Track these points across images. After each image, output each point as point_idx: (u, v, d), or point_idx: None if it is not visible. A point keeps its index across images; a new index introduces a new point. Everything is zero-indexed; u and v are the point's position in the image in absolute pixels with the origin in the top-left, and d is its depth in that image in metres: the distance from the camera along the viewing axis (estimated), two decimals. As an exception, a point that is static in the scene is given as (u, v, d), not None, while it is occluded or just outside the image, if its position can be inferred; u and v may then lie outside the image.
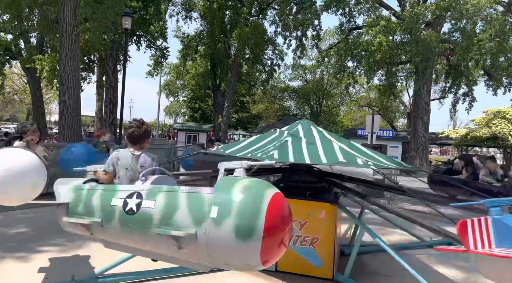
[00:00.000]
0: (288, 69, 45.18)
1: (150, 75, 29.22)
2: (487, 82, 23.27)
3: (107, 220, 2.76)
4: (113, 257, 4.13)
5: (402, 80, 30.55)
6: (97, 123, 29.99)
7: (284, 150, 4.46)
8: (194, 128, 29.94)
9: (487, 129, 15.80)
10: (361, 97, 45.86)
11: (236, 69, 27.10)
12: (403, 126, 45.10)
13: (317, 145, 4.78)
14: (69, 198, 3.06)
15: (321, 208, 4.69)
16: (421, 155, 22.15)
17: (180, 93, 43.69)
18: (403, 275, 4.61)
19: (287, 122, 27.99)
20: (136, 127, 3.25)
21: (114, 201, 2.75)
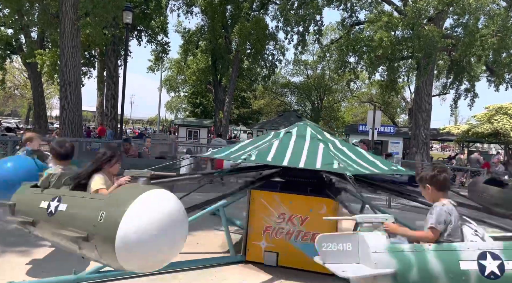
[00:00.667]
0: (289, 65, 45.08)
1: (151, 70, 29.15)
2: (489, 78, 23.14)
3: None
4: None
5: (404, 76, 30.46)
6: (98, 118, 29.99)
7: (265, 152, 4.56)
8: (195, 124, 29.89)
9: (488, 125, 15.73)
10: (362, 93, 45.73)
11: (237, 65, 27.01)
12: (404, 122, 45.00)
13: (304, 147, 4.82)
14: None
15: (322, 203, 4.69)
16: (422, 151, 22.06)
17: (181, 88, 43.63)
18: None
19: (288, 118, 28.09)
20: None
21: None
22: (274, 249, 4.77)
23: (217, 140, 13.34)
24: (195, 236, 5.46)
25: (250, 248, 4.88)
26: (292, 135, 5.20)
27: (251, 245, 4.88)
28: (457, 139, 21.37)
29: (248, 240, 4.91)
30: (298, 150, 4.69)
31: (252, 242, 4.88)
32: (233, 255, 4.86)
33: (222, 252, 5.19)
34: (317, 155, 4.58)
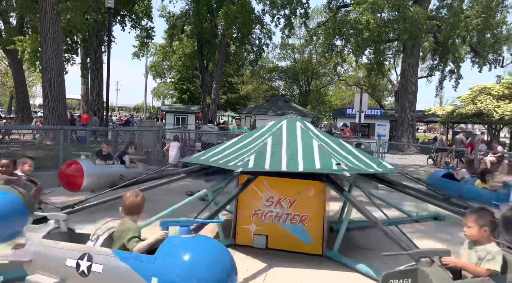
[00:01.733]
0: (277, 49, 44.77)
1: (136, 56, 28.61)
2: (473, 59, 23.43)
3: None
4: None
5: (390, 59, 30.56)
6: (83, 106, 29.44)
7: (262, 156, 4.49)
8: (183, 110, 29.62)
9: (472, 106, 16.00)
10: (349, 76, 45.83)
11: (223, 49, 26.69)
12: (390, 104, 45.42)
13: (297, 145, 4.81)
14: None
15: (310, 186, 4.75)
16: (408, 133, 22.43)
17: (167, 74, 43.02)
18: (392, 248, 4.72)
19: (276, 103, 28.02)
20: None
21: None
22: (263, 232, 4.84)
23: (209, 126, 13.25)
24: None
25: (239, 232, 4.94)
26: (283, 130, 5.19)
27: (240, 228, 4.94)
28: (441, 120, 21.72)
29: (238, 224, 4.97)
30: (293, 150, 4.67)
31: (242, 225, 4.93)
32: (223, 239, 4.92)
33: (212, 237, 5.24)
34: (313, 153, 4.59)
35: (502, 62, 22.82)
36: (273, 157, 4.46)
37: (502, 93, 15.87)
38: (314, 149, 4.63)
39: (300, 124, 5.29)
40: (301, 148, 4.67)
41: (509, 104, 15.29)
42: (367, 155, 5.76)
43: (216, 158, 4.87)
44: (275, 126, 5.34)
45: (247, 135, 5.55)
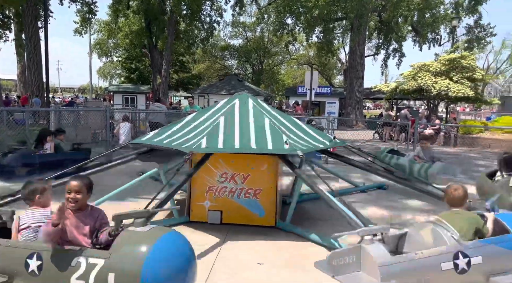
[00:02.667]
0: (228, 27, 43.99)
1: (78, 33, 26.70)
2: (414, 38, 24.73)
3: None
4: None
5: (339, 38, 31.35)
6: (20, 87, 27.25)
7: (214, 137, 4.50)
8: (132, 90, 28.36)
9: (413, 82, 16.99)
10: (300, 55, 46.40)
11: (173, 27, 25.75)
12: (340, 83, 46.84)
13: (249, 122, 4.85)
14: None
15: (263, 161, 4.86)
16: (356, 110, 23.41)
17: (114, 53, 40.81)
18: (339, 218, 5.01)
19: (229, 82, 27.78)
20: None
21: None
22: (218, 207, 4.91)
23: (156, 105, 12.81)
24: (138, 202, 5.40)
25: (193, 209, 4.97)
26: (235, 108, 5.19)
27: (194, 205, 4.97)
28: (386, 97, 22.87)
29: (192, 201, 4.99)
30: (245, 128, 4.70)
31: (196, 202, 4.96)
32: (177, 216, 4.93)
33: (166, 216, 5.22)
34: (265, 132, 4.65)
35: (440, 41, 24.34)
36: (226, 136, 4.49)
37: (439, 69, 16.99)
38: (266, 128, 4.72)
39: (252, 102, 5.33)
40: (253, 127, 4.74)
41: (445, 80, 16.42)
42: (318, 131, 5.98)
43: (169, 140, 4.79)
44: (228, 104, 5.34)
45: (200, 114, 5.49)
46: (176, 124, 5.39)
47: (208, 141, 4.37)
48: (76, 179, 2.82)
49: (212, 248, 4.18)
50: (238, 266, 3.78)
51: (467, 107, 36.06)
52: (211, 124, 4.80)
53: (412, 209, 5.98)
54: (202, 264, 3.81)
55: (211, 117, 5.11)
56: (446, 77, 16.76)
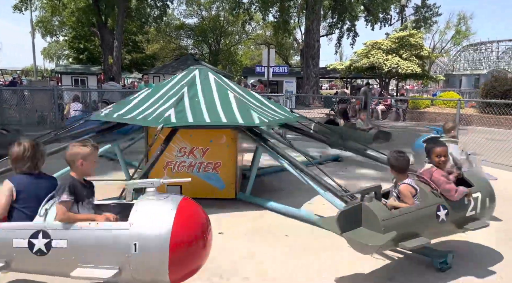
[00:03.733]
0: (182, 5, 42.62)
1: (17, 10, 24.71)
2: (366, 18, 25.42)
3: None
4: None
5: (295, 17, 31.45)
6: (-47, 69, 24.89)
7: (182, 110, 4.41)
8: (81, 71, 26.90)
9: (366, 59, 17.60)
10: (257, 35, 46.15)
11: (123, 4, 24.47)
12: (297, 63, 47.34)
13: (214, 96, 4.80)
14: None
15: (222, 134, 4.86)
16: (313, 89, 23.87)
17: (59, 32, 38.17)
18: (298, 188, 5.19)
19: (185, 62, 27.14)
20: None
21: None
22: (177, 182, 4.87)
23: (110, 84, 12.25)
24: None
25: (152, 185, 4.89)
26: (196, 81, 5.09)
27: (153, 181, 4.89)
28: (341, 75, 23.51)
29: (149, 177, 4.90)
30: (211, 102, 4.62)
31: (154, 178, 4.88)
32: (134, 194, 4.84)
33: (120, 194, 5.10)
34: (232, 106, 4.61)
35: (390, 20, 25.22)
36: (193, 110, 4.42)
37: (390, 47, 17.70)
38: (231, 101, 4.71)
39: (213, 76, 5.29)
40: (219, 100, 4.71)
41: (395, 57, 17.16)
42: (277, 104, 6.07)
43: (132, 115, 4.61)
44: (187, 76, 5.23)
45: (159, 88, 5.34)
46: (134, 99, 5.20)
47: (176, 115, 4.28)
48: None
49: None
50: (199, 237, 3.82)
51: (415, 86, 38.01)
52: (173, 97, 4.69)
53: (367, 178, 6.30)
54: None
55: (172, 89, 4.99)
56: (396, 54, 17.50)
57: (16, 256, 2.34)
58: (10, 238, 2.32)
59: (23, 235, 2.30)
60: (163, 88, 5.20)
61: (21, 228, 2.34)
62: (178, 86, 5.03)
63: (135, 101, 5.07)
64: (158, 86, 5.58)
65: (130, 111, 4.76)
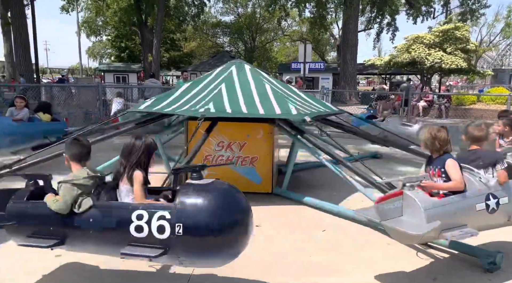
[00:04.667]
0: (219, 3, 42.99)
1: (64, 10, 26.05)
2: (407, 12, 24.47)
3: None
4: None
5: (332, 12, 30.89)
6: (8, 68, 26.66)
7: (220, 102, 4.47)
8: (123, 69, 27.93)
9: (407, 54, 16.94)
10: (293, 31, 45.78)
11: (162, 3, 25.14)
12: (333, 59, 46.51)
13: (251, 89, 4.82)
14: None
15: (259, 128, 4.89)
16: (350, 86, 23.34)
17: (103, 31, 39.90)
18: (335, 184, 5.12)
19: (221, 59, 27.46)
20: None
21: None
22: (215, 176, 4.94)
23: (152, 81, 12.57)
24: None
25: (191, 178, 5.01)
26: (233, 75, 5.15)
27: (192, 174, 5.00)
28: (379, 71, 22.81)
29: (189, 170, 5.02)
30: (248, 94, 4.66)
31: (193, 171, 5.00)
32: (176, 185, 4.97)
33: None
34: (269, 98, 4.62)
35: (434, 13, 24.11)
36: (231, 102, 4.49)
37: (433, 41, 16.92)
38: (268, 93, 4.72)
39: (249, 68, 5.32)
40: (256, 93, 4.73)
41: (438, 52, 16.40)
42: (315, 98, 6.01)
43: (172, 107, 4.74)
44: (225, 72, 5.30)
45: (197, 83, 5.45)
46: (174, 93, 5.34)
47: (215, 106, 4.36)
48: None
49: (211, 213, 4.25)
50: (237, 229, 3.87)
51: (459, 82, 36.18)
52: (213, 91, 4.76)
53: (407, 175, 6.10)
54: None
55: (210, 84, 5.07)
56: (439, 49, 16.72)
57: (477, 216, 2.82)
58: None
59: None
60: (202, 83, 5.30)
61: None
62: (217, 81, 5.11)
63: (175, 95, 5.20)
64: (196, 80, 5.68)
65: (170, 105, 4.89)
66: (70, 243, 2.50)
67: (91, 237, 2.43)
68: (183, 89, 5.34)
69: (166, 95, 5.39)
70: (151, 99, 5.50)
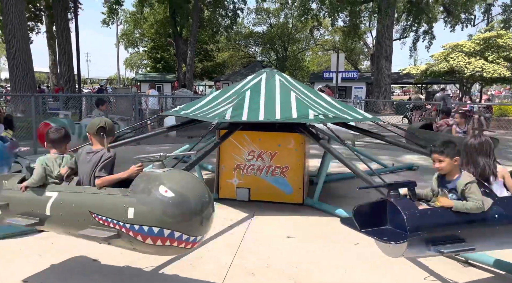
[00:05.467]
0: (252, 14, 43.78)
1: (105, 24, 27.27)
2: (445, 19, 23.69)
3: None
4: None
5: (366, 21, 30.48)
6: (52, 79, 28.27)
7: (239, 109, 4.49)
8: (158, 79, 28.90)
9: (445, 63, 16.32)
10: (325, 40, 45.55)
11: (197, 15, 25.82)
12: (366, 68, 45.75)
13: (275, 97, 4.80)
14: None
15: (290, 138, 4.85)
16: (384, 95, 22.83)
17: (140, 43, 41.51)
18: (368, 197, 4.96)
19: (253, 69, 27.71)
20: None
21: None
22: (246, 185, 4.96)
23: (182, 91, 12.96)
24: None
25: (222, 186, 5.05)
26: (261, 83, 5.18)
27: (223, 183, 5.04)
28: (415, 80, 22.15)
29: (220, 179, 5.06)
30: (270, 101, 4.67)
31: (224, 180, 5.04)
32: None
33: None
34: (290, 104, 4.60)
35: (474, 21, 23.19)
36: (251, 108, 4.51)
37: (473, 49, 16.24)
38: (291, 100, 4.69)
39: (279, 77, 5.31)
40: (279, 99, 4.72)
41: (479, 60, 15.70)
42: (347, 105, 5.87)
43: (196, 112, 4.88)
44: (255, 79, 5.33)
45: (227, 90, 5.54)
46: (203, 99, 5.47)
47: (232, 113, 4.40)
48: None
49: (241, 222, 4.25)
50: (268, 238, 3.84)
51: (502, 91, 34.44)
52: (237, 98, 4.82)
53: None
54: (233, 234, 3.90)
55: (238, 92, 5.13)
56: (480, 57, 16.02)
57: None
58: None
59: None
60: (230, 91, 5.36)
61: None
62: (244, 89, 5.14)
63: (204, 101, 5.31)
64: (226, 89, 5.78)
65: (194, 111, 4.98)
66: None
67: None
68: (210, 97, 5.43)
69: (194, 102, 5.52)
70: (180, 106, 5.66)
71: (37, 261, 3.25)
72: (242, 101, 4.66)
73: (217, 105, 4.88)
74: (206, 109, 4.87)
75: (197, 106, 5.12)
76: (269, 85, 5.05)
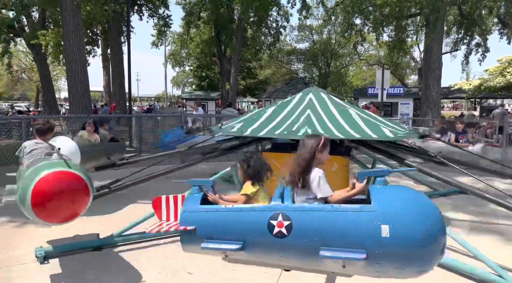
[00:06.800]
0: (294, 31, 44.07)
1: (154, 45, 28.79)
2: (501, 31, 22.37)
3: None
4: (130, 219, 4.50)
5: (412, 35, 29.58)
6: (105, 98, 30.12)
7: (313, 125, 4.50)
8: (202, 97, 29.81)
9: (501, 78, 15.35)
10: (370, 55, 44.73)
11: (241, 34, 26.52)
12: (414, 83, 44.16)
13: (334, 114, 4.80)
14: None
15: (333, 161, 4.74)
16: (433, 111, 21.78)
17: (186, 62, 43.23)
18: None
19: (295, 86, 27.84)
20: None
21: None
22: None
23: (228, 110, 13.25)
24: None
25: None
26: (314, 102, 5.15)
27: (265, 205, 5.00)
28: (468, 95, 20.98)
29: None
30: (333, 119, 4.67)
31: (266, 202, 5.00)
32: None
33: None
34: (357, 122, 4.59)
35: (533, 32, 21.65)
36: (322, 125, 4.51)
37: (533, 64, 15.18)
38: (354, 118, 4.67)
39: (325, 95, 5.30)
40: (340, 117, 4.70)
41: (540, 75, 14.61)
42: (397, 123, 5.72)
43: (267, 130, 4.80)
44: (305, 98, 5.32)
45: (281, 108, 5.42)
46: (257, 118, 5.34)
47: (312, 129, 4.42)
48: None
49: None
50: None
51: None
52: (301, 115, 4.80)
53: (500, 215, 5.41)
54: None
55: (296, 109, 5.11)
56: (541, 71, 14.92)
57: None
58: None
59: None
60: (286, 109, 5.31)
61: None
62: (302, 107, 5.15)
63: (261, 120, 5.20)
64: (279, 106, 5.64)
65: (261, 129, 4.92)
66: None
67: None
68: (268, 114, 5.36)
69: (254, 118, 5.39)
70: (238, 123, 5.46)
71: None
72: (310, 118, 4.68)
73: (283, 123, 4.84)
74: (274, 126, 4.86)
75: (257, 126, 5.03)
76: (321, 103, 5.06)
